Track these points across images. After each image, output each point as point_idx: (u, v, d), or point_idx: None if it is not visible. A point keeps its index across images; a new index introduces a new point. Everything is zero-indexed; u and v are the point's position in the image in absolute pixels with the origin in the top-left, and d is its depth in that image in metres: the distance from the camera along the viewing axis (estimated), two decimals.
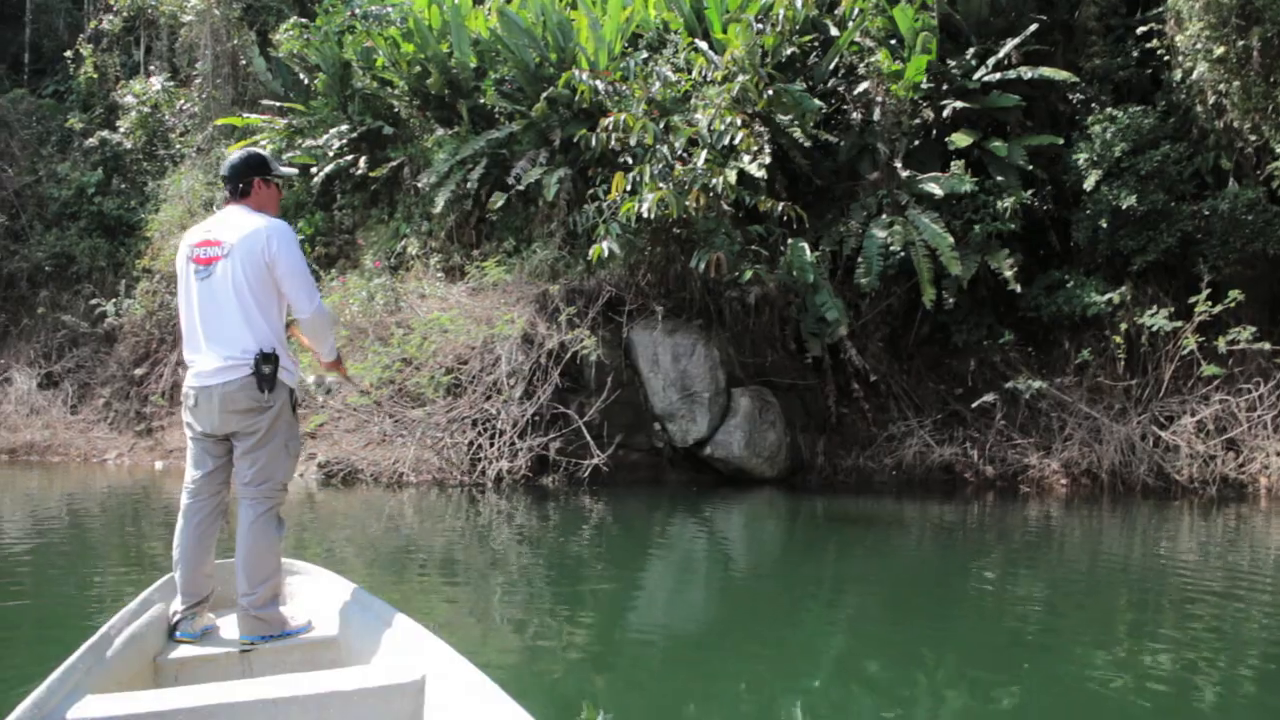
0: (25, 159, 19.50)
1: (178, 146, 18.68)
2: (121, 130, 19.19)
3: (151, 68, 20.52)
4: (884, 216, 12.72)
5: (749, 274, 12.12)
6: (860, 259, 12.56)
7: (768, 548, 9.21)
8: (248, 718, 3.00)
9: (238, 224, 4.06)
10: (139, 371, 16.06)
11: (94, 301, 17.05)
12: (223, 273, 3.98)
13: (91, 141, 19.13)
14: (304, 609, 4.25)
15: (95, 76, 20.67)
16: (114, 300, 16.82)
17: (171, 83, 19.51)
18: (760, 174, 11.97)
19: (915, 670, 5.06)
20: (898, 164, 12.94)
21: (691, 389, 12.63)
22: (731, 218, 12.58)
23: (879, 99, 12.97)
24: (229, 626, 4.07)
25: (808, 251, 12.33)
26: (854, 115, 13.35)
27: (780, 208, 11.95)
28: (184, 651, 3.80)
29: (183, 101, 19.05)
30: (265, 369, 3.92)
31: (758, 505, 11.35)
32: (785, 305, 13.16)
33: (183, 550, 4.06)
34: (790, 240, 12.54)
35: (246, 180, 4.20)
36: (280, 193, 4.37)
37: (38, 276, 18.14)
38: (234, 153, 4.36)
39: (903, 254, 12.42)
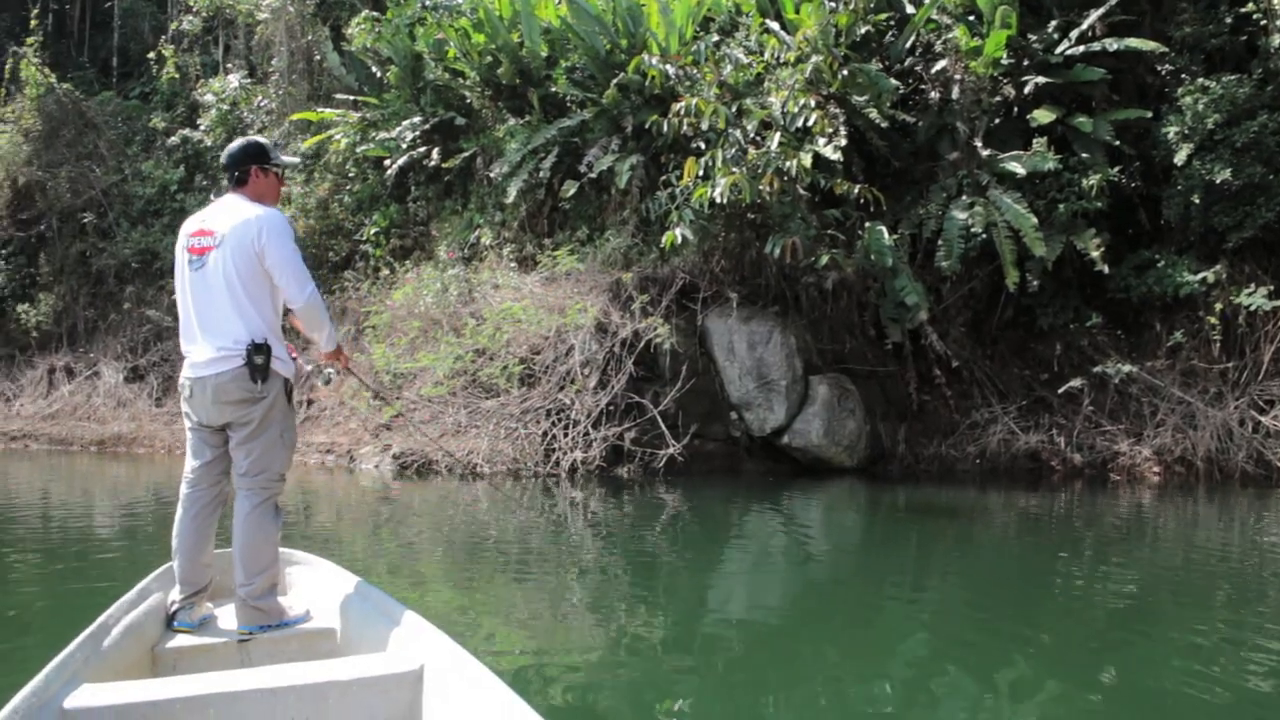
0: (112, 159, 19.93)
1: None
2: (202, 128, 19.52)
3: (229, 66, 20.82)
4: (964, 197, 12.37)
5: (825, 259, 11.87)
6: (940, 242, 12.23)
7: (847, 539, 8.99)
8: (245, 707, 2.98)
9: (231, 214, 4.03)
10: None
11: (175, 296, 17.28)
12: (214, 263, 3.95)
13: (173, 140, 19.49)
14: (303, 599, 4.24)
15: (177, 77, 21.06)
16: None
17: (249, 80, 19.79)
18: (836, 156, 11.70)
19: (999, 668, 4.84)
20: (978, 143, 12.56)
21: (768, 377, 12.42)
22: (807, 202, 12.32)
23: (957, 77, 12.59)
24: (227, 616, 4.06)
25: (886, 235, 12.03)
26: (932, 94, 12.99)
27: (857, 190, 11.68)
28: (182, 641, 3.80)
29: (260, 98, 19.28)
30: (257, 359, 3.89)
31: (837, 495, 11.12)
32: (864, 290, 12.89)
33: (181, 540, 4.06)
34: (868, 224, 12.25)
35: (244, 169, 4.17)
36: (281, 182, 4.34)
37: (124, 273, 18.52)
38: (234, 141, 4.33)
39: (984, 236, 12.06)
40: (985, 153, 12.51)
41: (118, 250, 18.58)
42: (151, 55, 21.49)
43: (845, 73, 12.29)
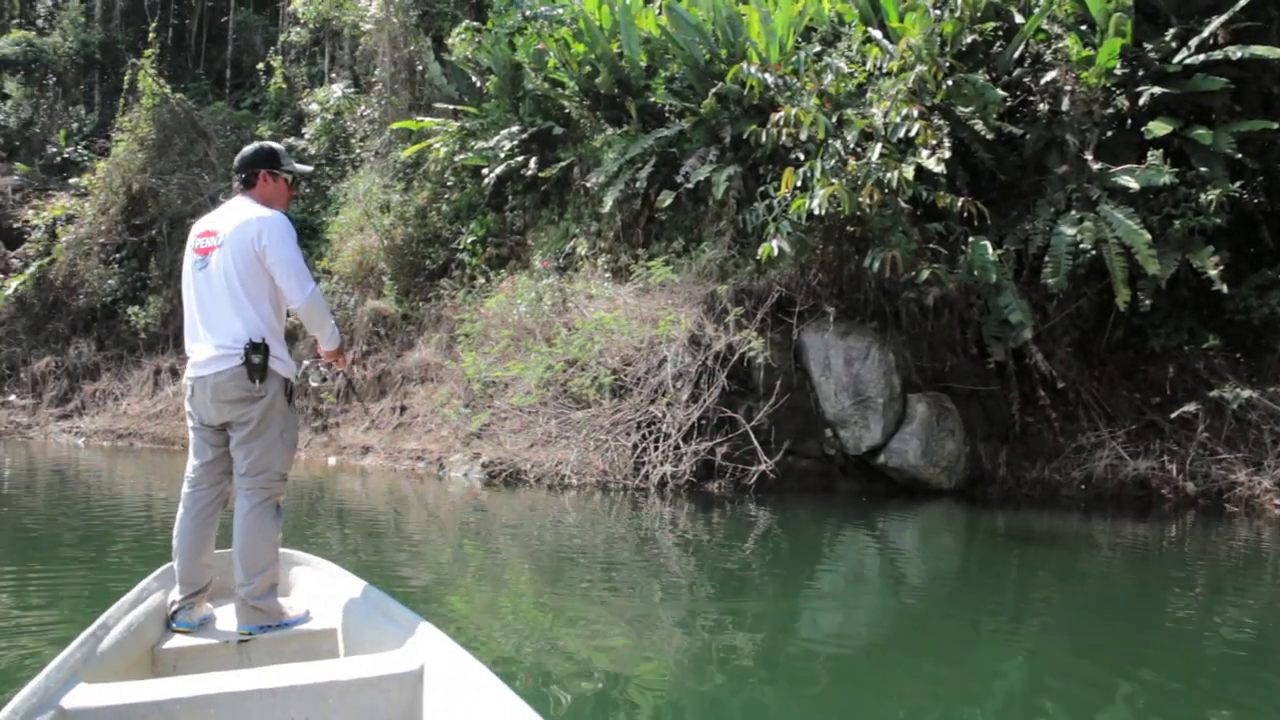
0: (221, 166, 20.39)
1: (358, 151, 19.20)
2: (306, 137, 19.86)
3: (333, 76, 21.19)
4: (1073, 212, 11.90)
5: (927, 274, 11.52)
6: (1047, 258, 11.78)
7: (943, 564, 8.65)
8: (245, 707, 2.99)
9: (235, 215, 4.09)
10: None
11: None
12: (217, 263, 4.01)
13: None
14: (303, 599, 4.25)
15: (284, 87, 21.52)
16: None
17: (352, 90, 20.09)
18: (939, 169, 11.36)
19: (1102, 706, 4.53)
20: (1088, 156, 12.08)
21: (865, 394, 12.11)
22: (908, 215, 11.99)
23: (1068, 88, 12.15)
24: (227, 617, 4.07)
25: (990, 250, 11.63)
26: (1040, 106, 12.55)
27: (960, 204, 11.33)
28: (182, 641, 3.81)
29: (362, 107, 19.58)
30: (255, 359, 3.90)
31: (934, 518, 10.77)
32: (966, 307, 12.50)
33: (181, 540, 4.07)
34: (971, 238, 11.87)
35: (252, 171, 4.25)
36: (290, 189, 4.40)
37: None
38: (249, 145, 4.41)
39: (1094, 252, 11.59)
40: (1096, 166, 12.03)
41: None
42: (260, 66, 21.99)
43: (950, 83, 11.94)
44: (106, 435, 16.79)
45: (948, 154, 11.51)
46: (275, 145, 4.40)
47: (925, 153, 11.45)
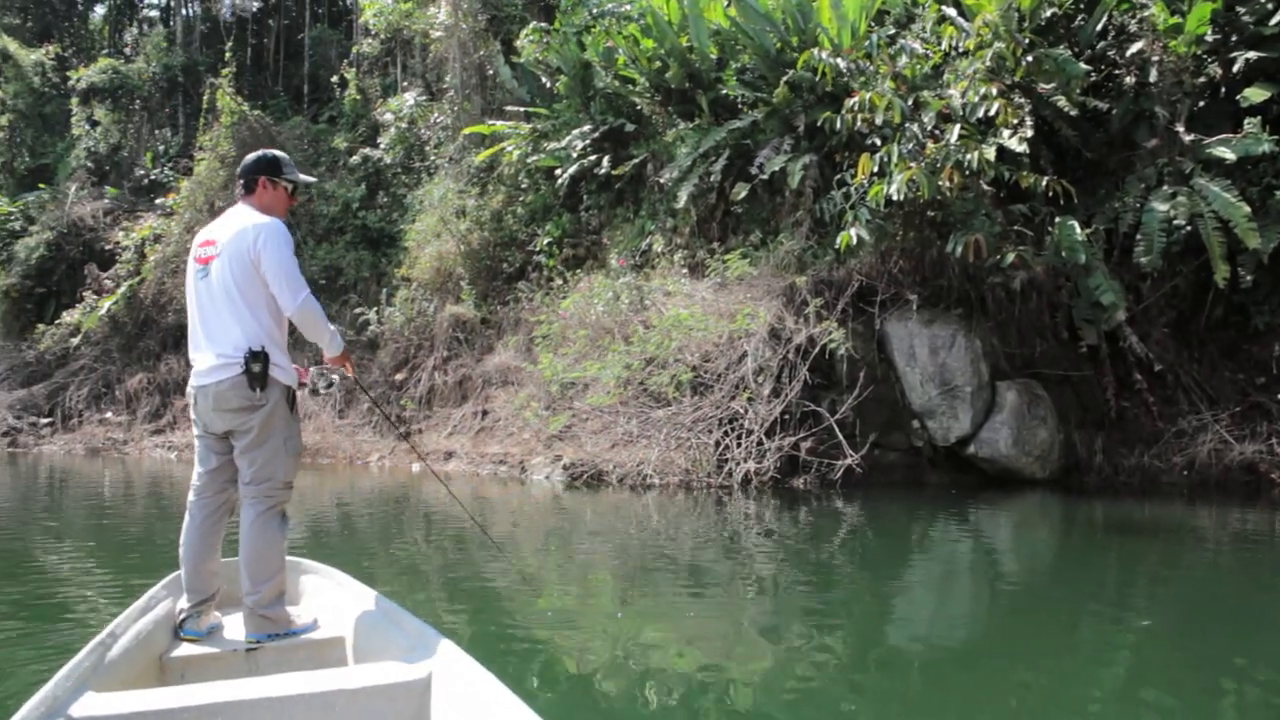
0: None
1: (432, 158, 19.32)
2: (382, 146, 20.03)
3: (405, 84, 21.35)
4: (1165, 187, 11.44)
5: (1012, 257, 11.17)
6: (1139, 236, 11.35)
7: (1040, 558, 8.33)
8: (253, 716, 2.98)
9: (233, 223, 4.06)
10: (399, 377, 16.62)
11: (358, 310, 17.81)
12: (216, 272, 4.00)
13: (355, 159, 20.08)
14: (311, 608, 4.23)
15: (358, 98, 21.76)
16: (376, 308, 17.49)
17: (425, 98, 20.21)
18: (1021, 148, 11.04)
19: (1211, 704, 4.25)
20: (1180, 128, 11.61)
21: (952, 383, 11.80)
22: (991, 197, 11.66)
23: (1156, 58, 11.67)
24: (235, 625, 4.05)
25: (1078, 230, 11.23)
26: (1126, 79, 12.08)
27: (1045, 183, 10.98)
28: (190, 650, 3.81)
29: (435, 114, 19.69)
30: (255, 367, 3.89)
31: (1028, 509, 10.42)
32: (1055, 290, 12.12)
33: (188, 548, 4.06)
34: (1058, 219, 11.47)
35: (252, 178, 4.21)
36: (290, 198, 4.32)
37: (311, 289, 19.09)
38: (253, 153, 4.38)
39: (1189, 228, 11.11)
40: (1189, 138, 11.55)
41: (304, 267, 19.15)
42: (335, 79, 22.27)
43: (1030, 59, 11.57)
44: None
45: (1030, 133, 11.18)
46: (279, 154, 4.36)
47: (1006, 132, 11.12)
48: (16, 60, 26.90)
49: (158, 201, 21.76)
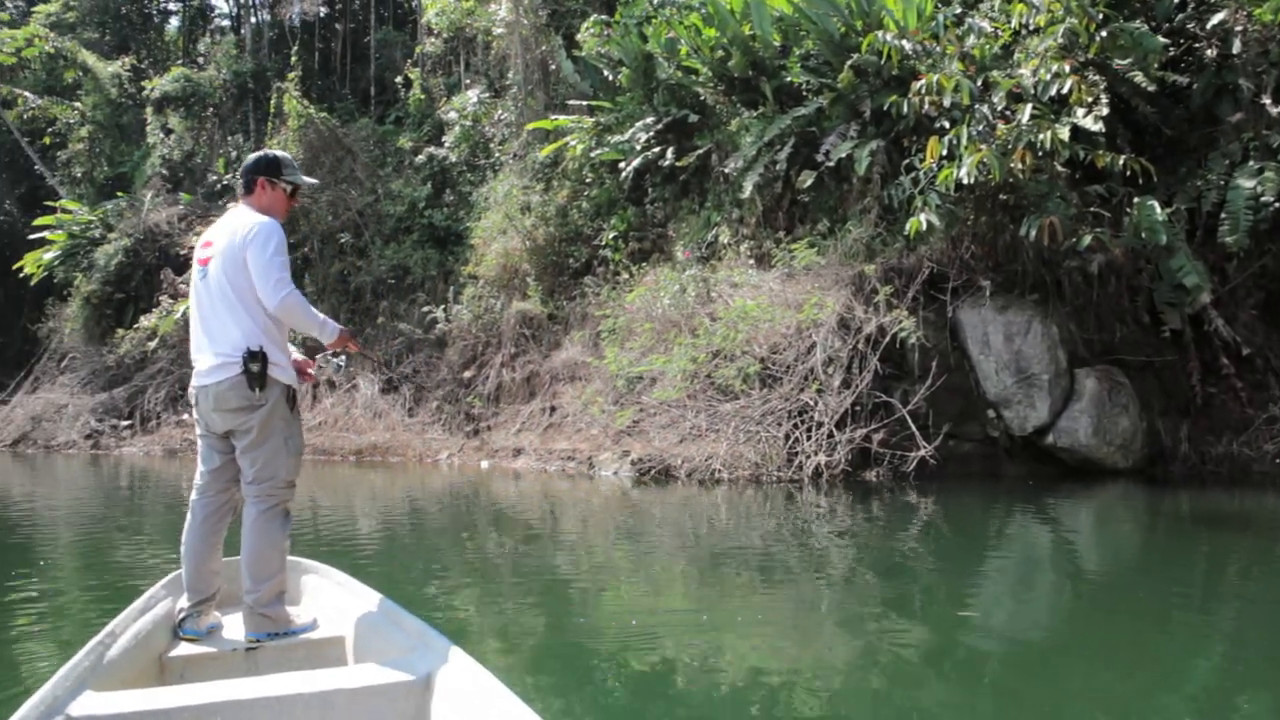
0: (367, 181, 20.83)
1: (496, 155, 19.32)
2: (447, 145, 20.09)
3: (468, 82, 21.39)
4: (1251, 163, 10.99)
5: (1089, 239, 10.83)
6: (1224, 215, 10.93)
7: (1123, 551, 8.03)
8: (253, 715, 2.98)
9: (229, 224, 4.07)
10: (467, 374, 16.65)
11: (426, 309, 17.87)
12: (214, 273, 4.01)
13: (420, 158, 20.17)
14: (311, 607, 4.24)
15: (423, 98, 21.85)
16: (443, 306, 17.54)
17: (488, 95, 20.22)
18: (1097, 127, 10.68)
19: None
20: (1266, 100, 11.15)
21: (1028, 371, 11.48)
22: (1065, 178, 11.33)
23: (1239, 28, 11.21)
24: (235, 625, 4.06)
25: (1158, 210, 10.83)
26: (1207, 52, 11.63)
27: (1122, 163, 10.59)
28: (189, 649, 3.82)
29: (499, 111, 19.69)
30: (253, 367, 3.89)
31: (1110, 501, 10.10)
32: (1134, 273, 11.75)
33: (189, 547, 4.07)
34: (1137, 199, 11.07)
35: (251, 179, 4.20)
36: (289, 199, 4.30)
37: (379, 288, 19.29)
38: (254, 153, 4.40)
39: (1277, 205, 10.67)
40: (1276, 111, 11.09)
41: (373, 267, 19.38)
42: (399, 79, 22.41)
43: (1104, 34, 11.17)
44: None
45: (1105, 111, 10.82)
46: (280, 154, 4.34)
47: (1081, 111, 10.77)
48: (95, 73, 27.48)
49: (229, 206, 22.08)
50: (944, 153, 10.94)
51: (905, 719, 3.98)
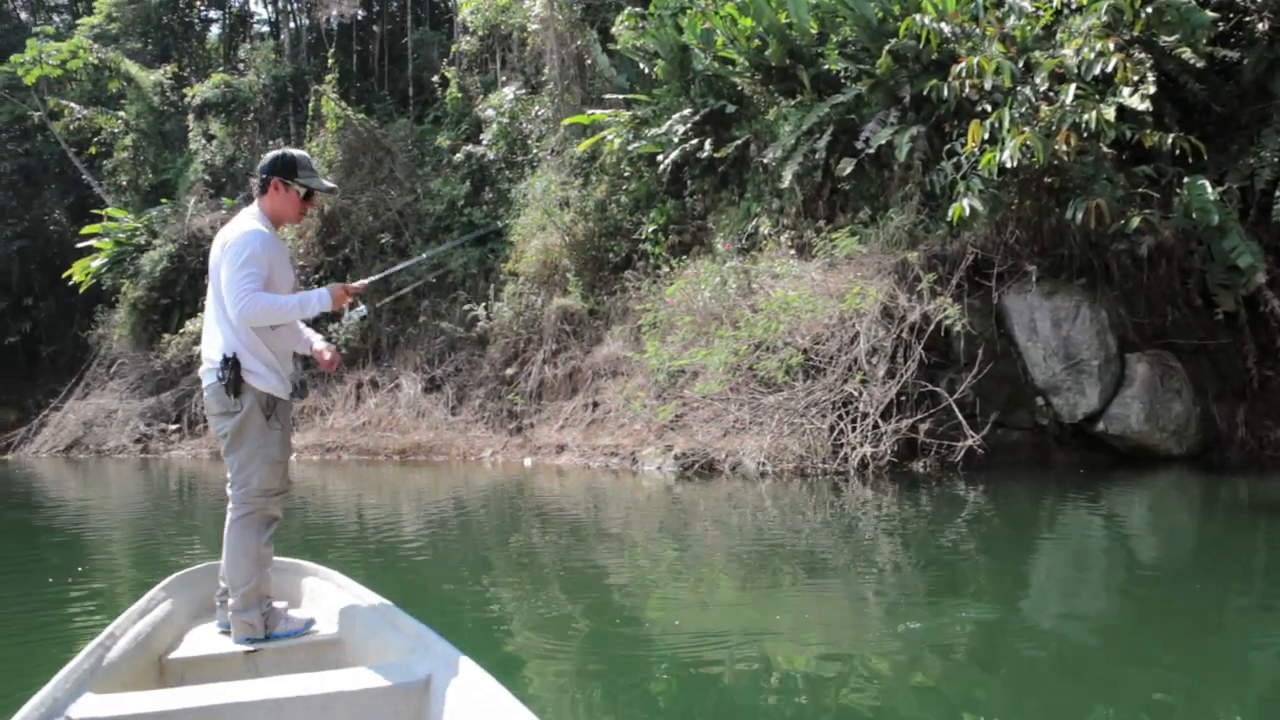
0: (406, 181, 20.85)
1: (534, 151, 19.26)
2: (485, 142, 20.06)
3: (504, 79, 21.35)
4: None
5: (1138, 221, 10.60)
6: (1278, 193, 10.61)
7: (1179, 541, 7.83)
8: (252, 718, 2.99)
9: (226, 232, 4.04)
10: (509, 372, 16.62)
11: (467, 307, 17.85)
12: (211, 278, 4.06)
13: (459, 157, 20.15)
14: (311, 610, 4.24)
15: (459, 96, 21.84)
16: (484, 304, 17.53)
17: (524, 91, 20.17)
18: (1144, 106, 10.44)
19: None
20: None
21: (1077, 357, 11.26)
22: (1112, 159, 11.09)
23: None
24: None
25: (1209, 189, 10.56)
26: (1259, 25, 11.34)
27: (1171, 141, 10.34)
28: (189, 651, 3.85)
29: (536, 107, 19.62)
30: (227, 374, 3.89)
31: (1164, 489, 9.88)
32: (1186, 255, 11.49)
33: (224, 540, 4.09)
34: (1186, 179, 10.81)
35: (265, 179, 4.10)
36: (303, 203, 4.15)
37: (420, 287, 19.27)
38: (272, 151, 4.30)
39: None
40: None
41: (413, 267, 19.37)
42: (435, 78, 22.43)
43: (1150, 10, 10.91)
44: (316, 450, 17.36)
45: (1152, 89, 10.58)
46: (298, 154, 4.19)
47: (1126, 90, 10.54)
48: (138, 83, 27.75)
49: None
50: (986, 136, 10.76)
51: (955, 715, 3.87)
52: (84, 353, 24.86)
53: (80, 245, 24.57)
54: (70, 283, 24.42)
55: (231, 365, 3.88)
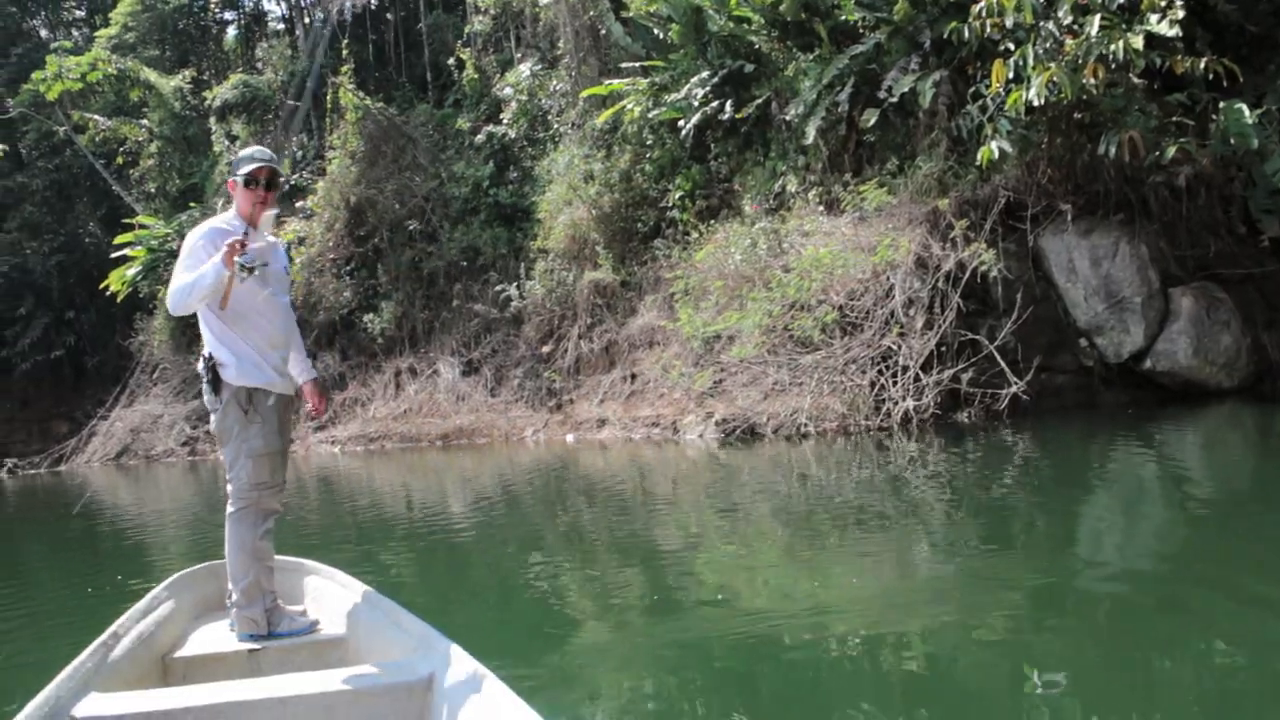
0: (430, 166, 20.79)
1: (555, 126, 19.14)
2: (505, 121, 19.97)
3: (519, 56, 21.21)
4: None
5: (1174, 151, 10.34)
6: None
7: (1234, 477, 7.63)
8: (255, 717, 2.98)
9: None
10: (545, 349, 16.57)
11: (499, 288, 17.80)
12: None
13: (480, 138, 20.06)
14: (314, 608, 4.25)
15: (476, 77, 21.71)
16: (516, 284, 17.47)
17: (540, 67, 20.03)
18: (1173, 31, 10.11)
19: None
20: None
21: (1119, 295, 11.05)
22: (1143, 89, 10.81)
23: None
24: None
25: (1247, 112, 10.26)
26: None
27: (1204, 66, 10.03)
28: (192, 650, 3.83)
29: (554, 82, 19.48)
30: (207, 374, 3.93)
31: (1217, 423, 9.67)
32: (1226, 182, 11.26)
33: None
34: (1223, 104, 10.52)
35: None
36: (249, 190, 4.02)
37: (452, 271, 19.28)
38: None
39: None
40: None
41: (444, 251, 19.37)
42: (451, 61, 22.33)
43: None
44: (359, 440, 17.44)
45: (1181, 13, 10.24)
46: (244, 152, 4.19)
47: (1154, 16, 10.23)
48: (158, 89, 27.87)
49: (299, 205, 22.24)
50: (1010, 76, 10.53)
51: (1017, 666, 3.73)
52: (127, 361, 25.11)
53: (114, 255, 24.76)
54: (108, 293, 24.63)
55: (209, 365, 3.92)
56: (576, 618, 5.08)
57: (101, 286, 24.86)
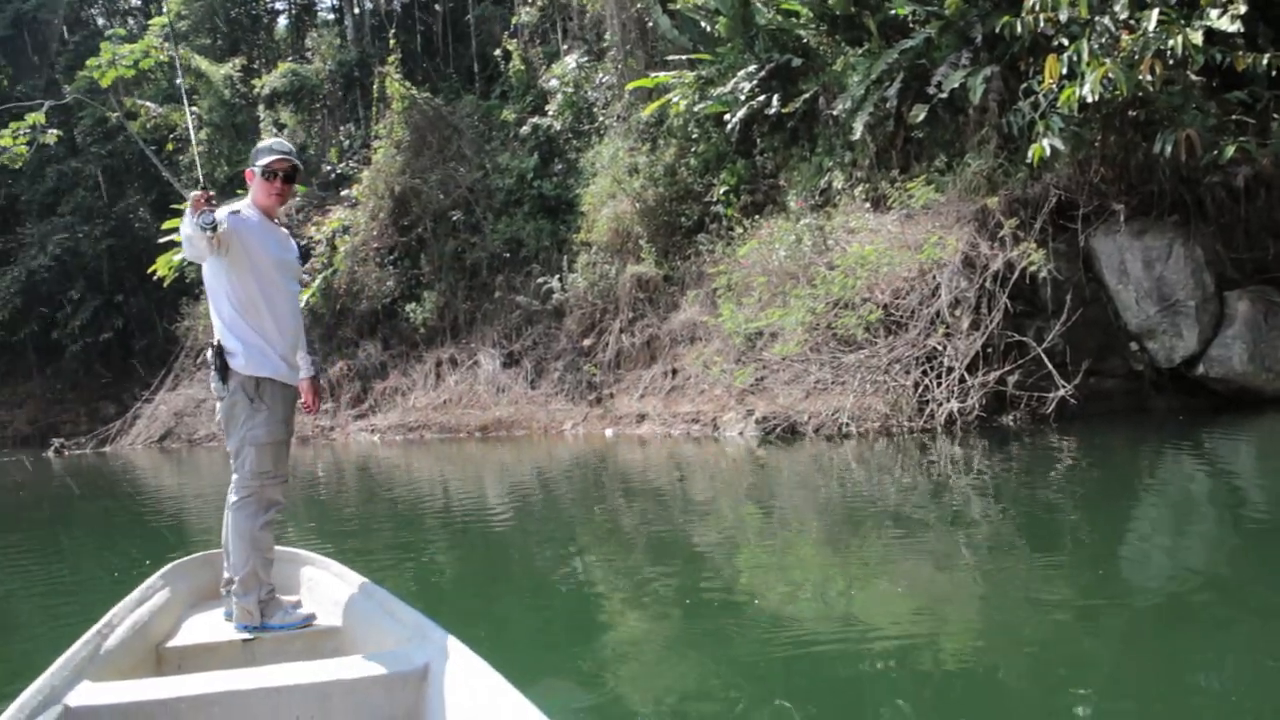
0: (474, 157, 20.79)
1: (600, 119, 19.07)
2: (550, 113, 19.92)
3: (566, 48, 21.16)
4: None
5: (1232, 150, 10.12)
6: None
7: None
8: (249, 706, 2.98)
9: None
10: (586, 343, 16.52)
11: (541, 280, 17.77)
12: None
13: (525, 129, 20.03)
14: (309, 599, 4.25)
15: (523, 69, 21.68)
16: (558, 276, 17.42)
17: (586, 59, 19.96)
18: (1234, 27, 9.91)
19: None
20: None
21: (1172, 298, 10.82)
22: (1201, 86, 10.57)
23: None
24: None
25: None
26: None
27: (1266, 62, 9.78)
28: (186, 639, 3.84)
29: (600, 75, 19.41)
30: (215, 362, 3.94)
31: (1272, 433, 9.47)
32: None
33: None
34: None
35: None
36: (266, 181, 4.10)
37: (494, 263, 19.29)
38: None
39: None
40: None
41: (487, 243, 19.37)
42: (498, 52, 22.32)
43: None
44: (399, 429, 17.48)
45: (1243, 8, 10.05)
46: (262, 144, 4.26)
47: (1214, 11, 10.03)
48: (209, 77, 28.13)
49: (344, 194, 22.34)
50: (1064, 72, 10.33)
51: (1058, 674, 3.64)
52: (173, 345, 25.32)
53: (162, 240, 25.00)
54: (155, 277, 24.87)
55: (217, 353, 3.94)
56: (607, 614, 5.06)
57: (149, 271, 25.11)
